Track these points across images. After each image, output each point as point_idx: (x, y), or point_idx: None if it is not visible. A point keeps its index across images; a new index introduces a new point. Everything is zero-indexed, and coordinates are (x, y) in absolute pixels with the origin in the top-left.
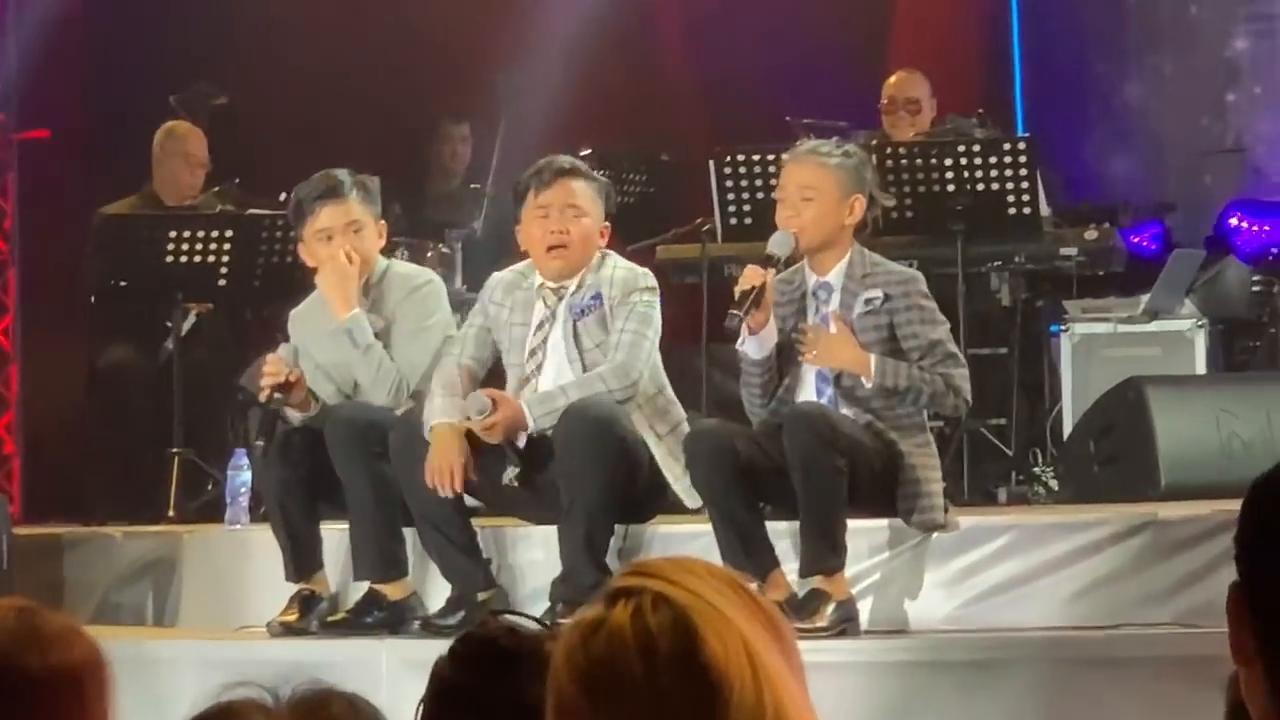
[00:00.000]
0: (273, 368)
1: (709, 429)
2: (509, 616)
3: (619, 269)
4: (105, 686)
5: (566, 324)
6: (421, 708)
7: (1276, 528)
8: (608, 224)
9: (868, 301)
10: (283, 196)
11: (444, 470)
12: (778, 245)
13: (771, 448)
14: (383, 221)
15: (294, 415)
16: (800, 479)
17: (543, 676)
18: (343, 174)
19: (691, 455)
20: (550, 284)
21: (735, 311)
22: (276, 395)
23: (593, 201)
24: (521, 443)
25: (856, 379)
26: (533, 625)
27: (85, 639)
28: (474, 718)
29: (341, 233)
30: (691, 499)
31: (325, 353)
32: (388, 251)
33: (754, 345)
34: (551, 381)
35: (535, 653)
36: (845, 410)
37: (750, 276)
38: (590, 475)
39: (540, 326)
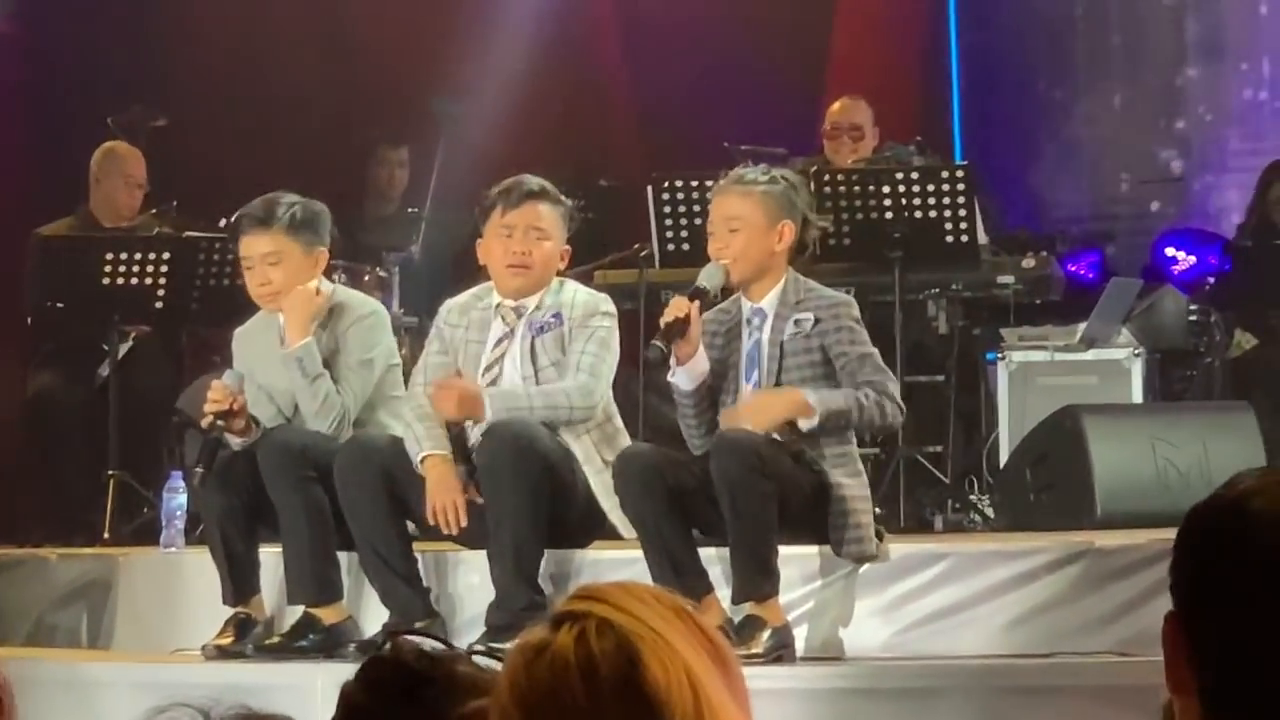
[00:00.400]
0: (217, 394)
1: (638, 452)
2: (416, 639)
3: (580, 293)
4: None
5: (524, 340)
6: None
7: (1211, 556)
8: (568, 247)
9: (797, 323)
10: (223, 223)
11: (448, 507)
12: (708, 278)
13: (703, 473)
14: (323, 250)
15: (234, 440)
16: (728, 505)
17: (454, 700)
18: (282, 201)
19: (621, 479)
20: (509, 302)
21: (657, 342)
22: (219, 423)
23: (556, 225)
24: (474, 437)
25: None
26: (441, 648)
27: None
28: None
29: (260, 263)
30: (628, 529)
31: (268, 374)
32: (325, 274)
33: (684, 377)
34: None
35: (448, 676)
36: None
37: (675, 307)
38: (513, 494)
39: (499, 343)
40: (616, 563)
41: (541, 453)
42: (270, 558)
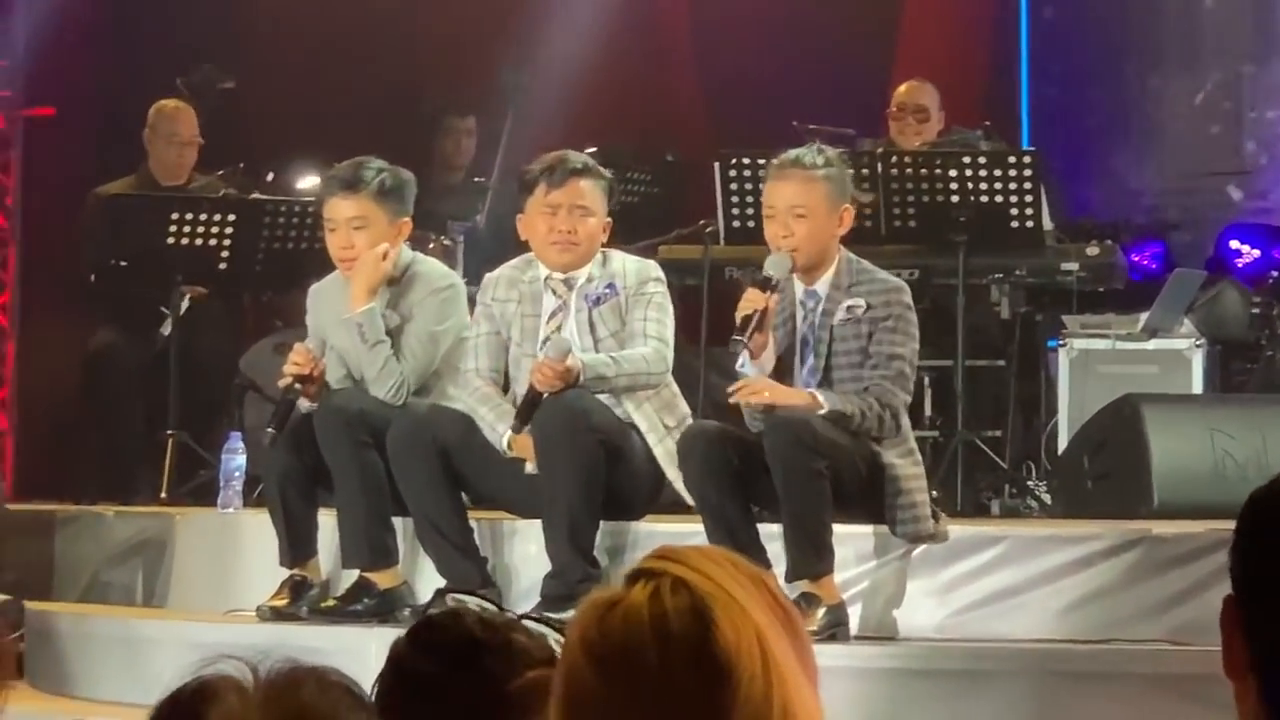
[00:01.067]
0: (299, 357)
1: (702, 429)
2: (468, 601)
3: (629, 261)
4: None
5: (581, 313)
6: (376, 685)
7: (1271, 541)
8: (609, 220)
9: (849, 309)
10: (270, 175)
11: None
12: (776, 267)
13: (763, 450)
14: (406, 219)
15: (303, 404)
16: (782, 484)
17: (512, 669)
18: (369, 166)
19: (684, 455)
20: (558, 275)
21: (739, 338)
22: (296, 386)
23: (599, 200)
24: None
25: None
26: (497, 612)
27: None
28: (432, 704)
29: (344, 226)
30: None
31: (338, 336)
32: None
33: (754, 370)
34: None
35: (505, 644)
36: None
37: (751, 300)
38: (568, 470)
39: (553, 315)
40: (673, 535)
41: (595, 425)
42: (328, 520)
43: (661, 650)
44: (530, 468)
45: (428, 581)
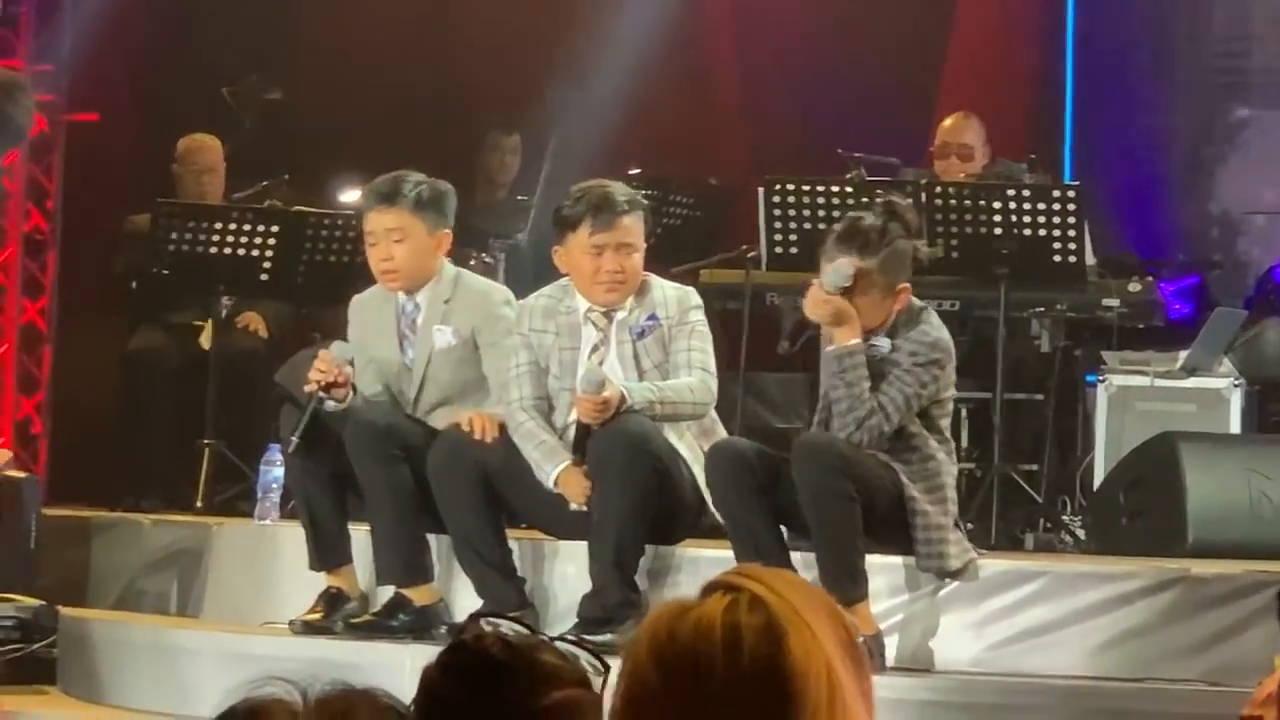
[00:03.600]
0: (323, 365)
1: (730, 445)
2: (502, 625)
3: (668, 289)
4: None
5: (624, 345)
6: (413, 708)
7: None
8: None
9: (871, 346)
10: (286, 175)
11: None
12: (837, 280)
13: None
14: (446, 231)
15: (330, 403)
16: (812, 510)
17: (536, 691)
18: (409, 179)
19: (710, 470)
20: (598, 307)
21: (785, 342)
22: (321, 393)
23: (642, 233)
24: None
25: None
26: (524, 634)
27: None
28: None
29: (384, 239)
30: None
31: (379, 348)
32: None
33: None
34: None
35: (530, 665)
36: None
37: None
38: (622, 495)
39: (595, 350)
40: (714, 561)
41: (653, 453)
42: (363, 535)
43: (729, 662)
44: (575, 506)
45: (466, 600)
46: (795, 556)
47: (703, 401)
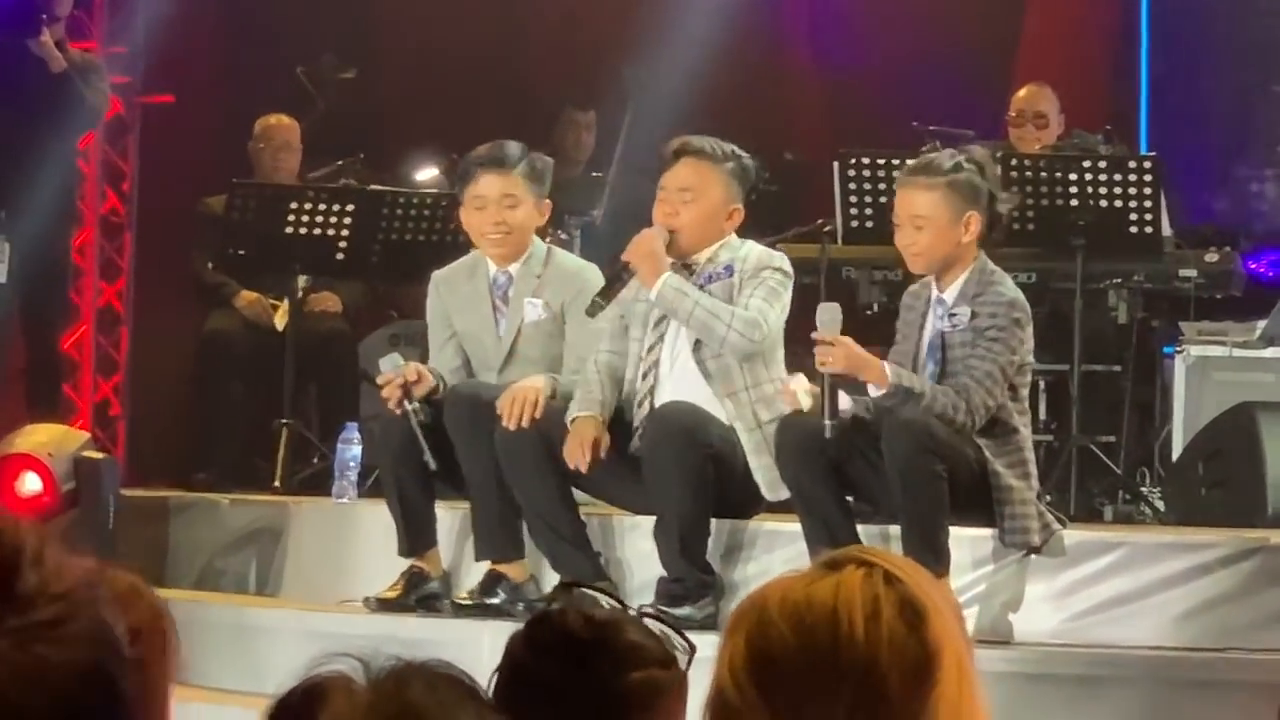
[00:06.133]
0: (388, 390)
1: (798, 420)
2: (587, 598)
3: (756, 249)
4: (164, 645)
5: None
6: (495, 679)
7: None
8: (739, 208)
9: (953, 318)
10: (360, 157)
11: (574, 452)
12: (826, 317)
13: (861, 441)
14: (547, 202)
15: (419, 408)
16: (900, 487)
17: (619, 669)
18: (513, 146)
19: (780, 446)
20: (680, 260)
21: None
22: (408, 404)
23: (713, 184)
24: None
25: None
26: (613, 608)
27: (148, 598)
28: (546, 702)
29: (496, 203)
30: (771, 491)
31: (466, 320)
32: None
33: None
34: (670, 352)
35: (612, 641)
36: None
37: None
38: (677, 485)
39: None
40: (790, 535)
41: (704, 442)
42: (445, 514)
43: (870, 631)
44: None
45: (545, 578)
46: (863, 529)
47: (739, 329)
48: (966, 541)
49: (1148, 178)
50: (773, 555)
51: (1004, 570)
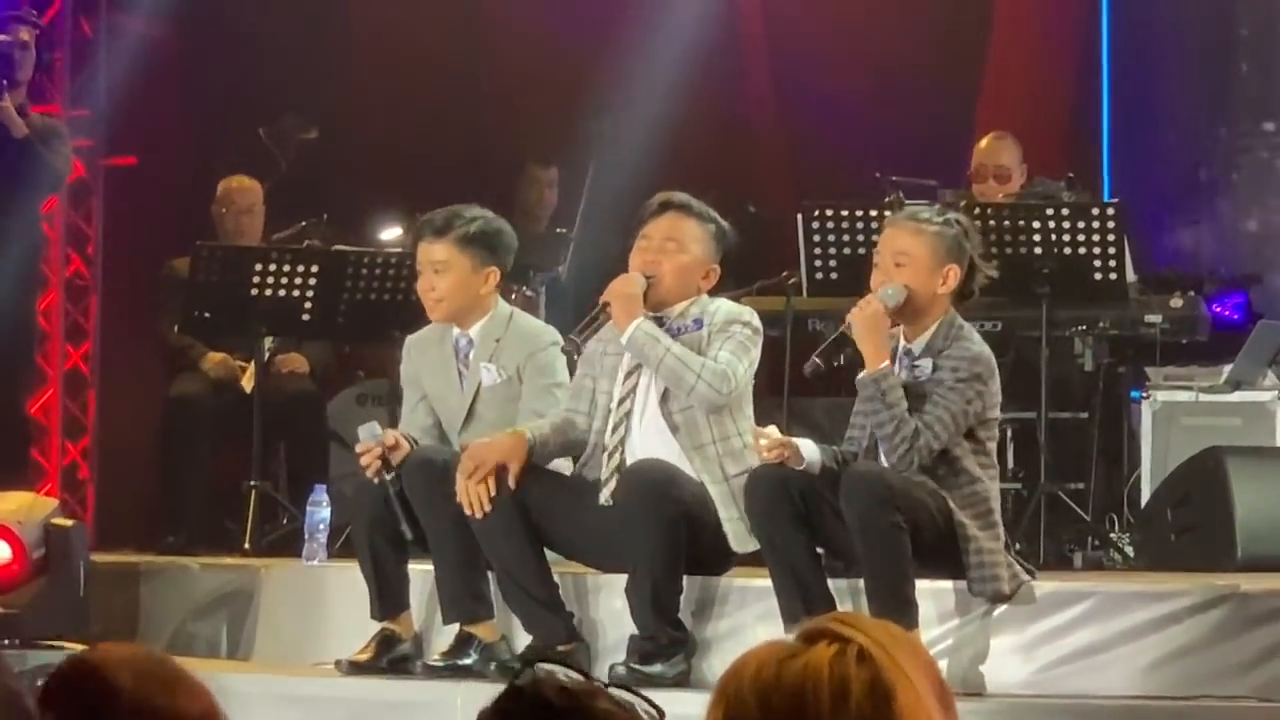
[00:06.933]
0: (367, 458)
1: (767, 471)
2: (556, 671)
3: (725, 304)
4: None
5: None
6: None
7: None
8: (715, 268)
9: (915, 369)
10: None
11: (476, 470)
12: (889, 298)
13: (830, 493)
14: (493, 269)
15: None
16: (861, 540)
17: None
18: (463, 214)
19: (749, 496)
20: (650, 313)
21: (817, 359)
22: (386, 475)
23: (695, 240)
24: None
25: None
26: (580, 680)
27: (207, 693)
28: None
29: (428, 269)
30: (740, 544)
31: (436, 384)
32: None
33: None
34: (642, 402)
35: (587, 713)
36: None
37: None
38: (649, 541)
39: None
40: (757, 591)
41: (676, 498)
42: (417, 575)
43: (835, 711)
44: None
45: (518, 636)
46: (834, 584)
47: (711, 383)
48: (936, 594)
49: (1110, 224)
50: (744, 611)
51: (973, 622)
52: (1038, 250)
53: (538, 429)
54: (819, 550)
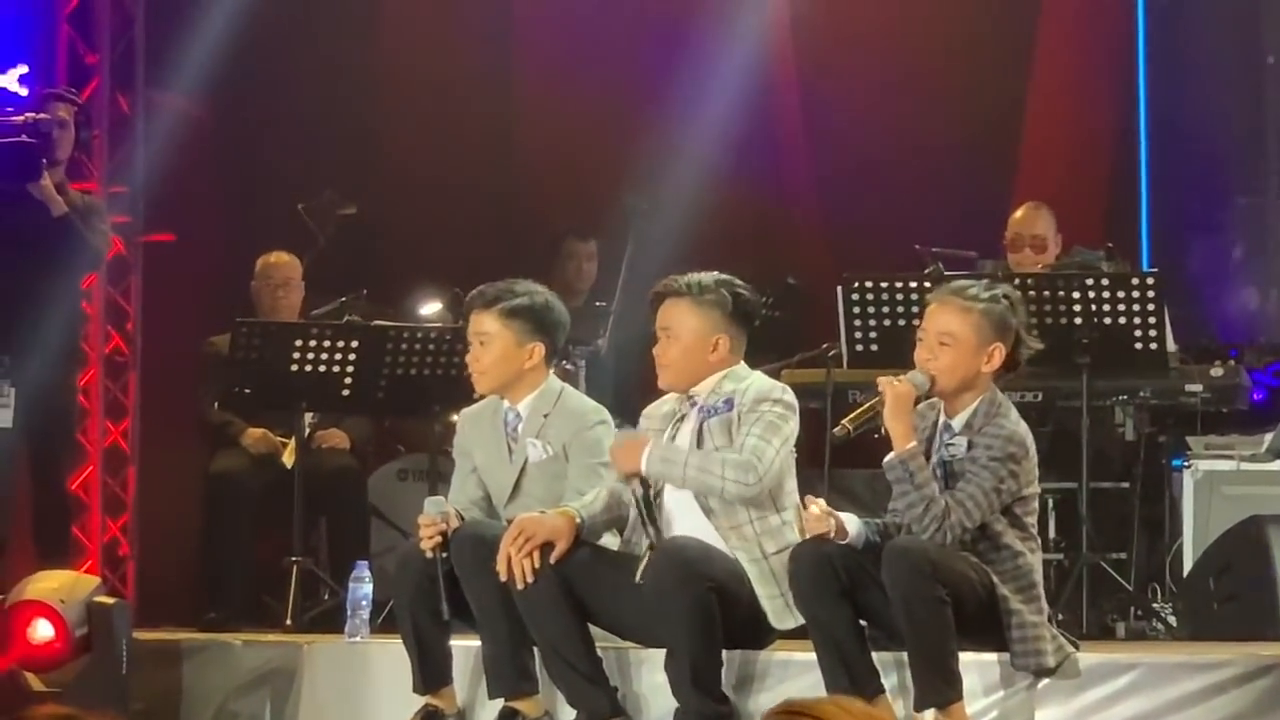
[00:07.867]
0: (428, 531)
1: (811, 547)
2: None
3: (756, 380)
4: None
5: (693, 424)
6: None
7: None
8: (724, 336)
9: (950, 447)
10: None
11: (521, 544)
12: (914, 382)
13: (873, 566)
14: (538, 344)
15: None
16: (904, 613)
17: None
18: (513, 288)
19: (793, 574)
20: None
21: (846, 424)
22: (442, 554)
23: (686, 319)
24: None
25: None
26: None
27: None
28: None
29: (474, 340)
30: (779, 619)
31: (487, 458)
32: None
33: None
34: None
35: None
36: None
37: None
38: (681, 619)
39: (673, 425)
40: (804, 665)
41: (708, 575)
42: (460, 650)
43: None
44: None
45: (563, 711)
46: (878, 656)
47: (737, 479)
48: (979, 666)
49: (1150, 294)
50: (787, 685)
51: (1017, 694)
52: (1078, 320)
53: (587, 508)
54: (862, 623)
